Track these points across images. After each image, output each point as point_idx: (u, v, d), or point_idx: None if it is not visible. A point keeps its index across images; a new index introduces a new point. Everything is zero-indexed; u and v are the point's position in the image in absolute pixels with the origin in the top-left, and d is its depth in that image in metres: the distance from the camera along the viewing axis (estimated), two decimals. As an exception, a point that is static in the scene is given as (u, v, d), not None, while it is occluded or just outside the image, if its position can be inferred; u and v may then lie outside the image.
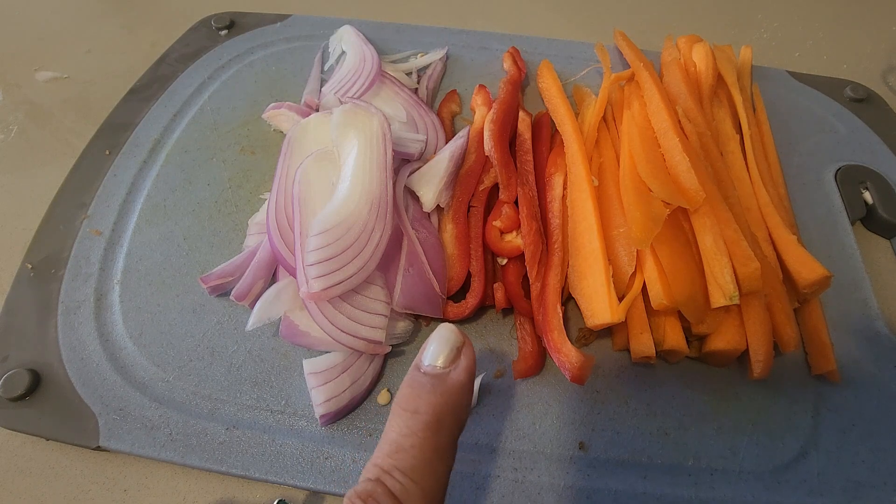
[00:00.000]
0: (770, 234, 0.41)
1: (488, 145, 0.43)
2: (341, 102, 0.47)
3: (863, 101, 0.55)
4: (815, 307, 0.39)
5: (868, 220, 0.47)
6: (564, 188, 0.42)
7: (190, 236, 0.43)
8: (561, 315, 0.36)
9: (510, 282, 0.39)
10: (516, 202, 0.41)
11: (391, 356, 0.38)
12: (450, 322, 0.39)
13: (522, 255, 0.39)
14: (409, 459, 0.22)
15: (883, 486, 0.34)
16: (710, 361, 0.38)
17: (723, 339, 0.36)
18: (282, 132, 0.50)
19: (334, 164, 0.40)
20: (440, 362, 0.24)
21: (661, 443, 0.35)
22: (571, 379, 0.34)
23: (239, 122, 0.51)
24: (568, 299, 0.40)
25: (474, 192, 0.43)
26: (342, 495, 0.33)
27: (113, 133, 0.49)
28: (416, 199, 0.43)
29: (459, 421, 0.24)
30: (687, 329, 0.37)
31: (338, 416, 0.35)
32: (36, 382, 0.36)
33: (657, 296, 0.35)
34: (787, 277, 0.39)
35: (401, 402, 0.23)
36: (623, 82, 0.50)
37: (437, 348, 0.25)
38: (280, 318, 0.36)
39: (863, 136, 0.52)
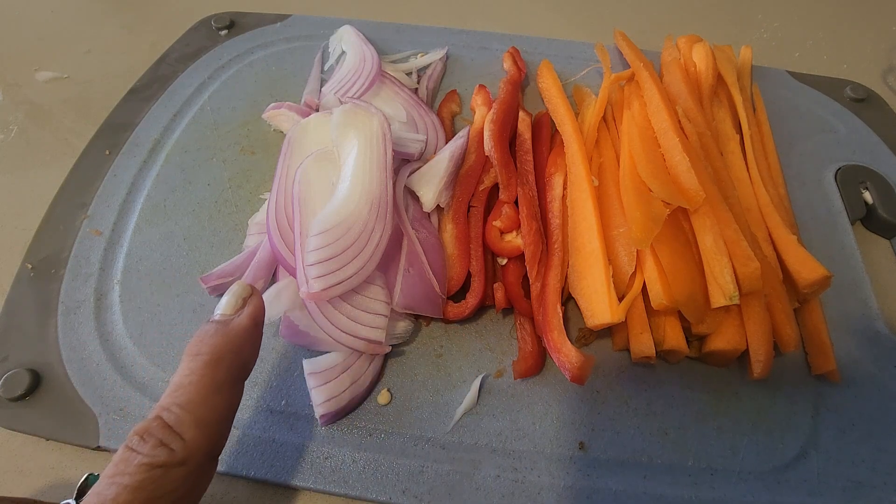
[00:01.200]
0: (770, 234, 0.41)
1: (488, 145, 0.43)
2: (341, 102, 0.47)
3: (863, 101, 0.55)
4: (815, 307, 0.39)
5: (868, 220, 0.47)
6: (564, 188, 0.42)
7: (190, 236, 0.43)
8: (561, 315, 0.36)
9: (510, 282, 0.39)
10: (516, 202, 0.41)
11: (391, 356, 0.38)
12: (448, 322, 0.39)
13: (522, 255, 0.39)
14: (186, 394, 0.24)
15: (883, 486, 0.34)
16: (710, 361, 0.38)
17: (723, 339, 0.36)
18: (282, 132, 0.50)
19: (334, 164, 0.40)
20: (227, 311, 0.27)
21: (661, 443, 0.35)
22: (571, 379, 0.34)
23: (239, 122, 0.51)
24: (568, 299, 0.40)
25: (474, 192, 0.43)
26: (342, 495, 0.33)
27: (113, 133, 0.49)
28: (416, 199, 0.43)
29: (241, 360, 0.26)
30: (687, 329, 0.37)
31: (338, 416, 0.35)
32: (36, 382, 0.36)
33: (657, 296, 0.35)
34: (787, 277, 0.39)
35: (187, 349, 0.25)
36: (623, 82, 0.50)
37: (224, 300, 0.27)
38: (280, 318, 0.36)
39: (863, 136, 0.52)
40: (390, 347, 0.37)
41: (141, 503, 0.21)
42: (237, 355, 0.26)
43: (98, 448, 0.34)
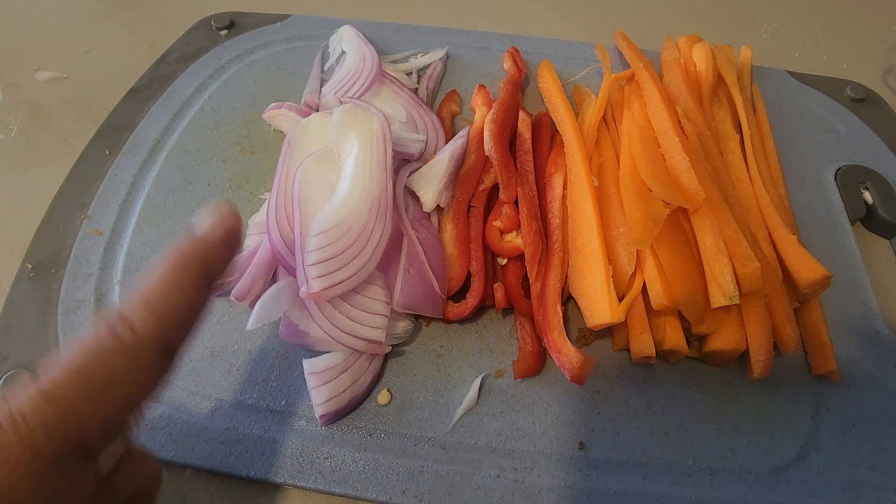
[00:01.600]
0: (770, 234, 0.41)
1: (488, 145, 0.43)
2: (341, 102, 0.47)
3: (863, 101, 0.55)
4: (815, 307, 0.39)
5: (868, 220, 0.47)
6: (564, 188, 0.42)
7: (190, 236, 0.43)
8: (561, 315, 0.36)
9: (510, 282, 0.39)
10: (516, 202, 0.41)
11: (391, 356, 0.38)
12: (448, 322, 0.39)
13: (522, 255, 0.39)
14: (146, 288, 0.24)
15: (883, 486, 0.34)
16: (710, 361, 0.38)
17: (723, 339, 0.36)
18: (282, 132, 0.50)
19: (334, 164, 0.40)
20: (202, 224, 0.27)
21: (661, 443, 0.35)
22: (571, 379, 0.34)
23: (239, 122, 0.51)
24: (568, 299, 0.40)
25: (474, 192, 0.43)
26: (342, 495, 0.33)
27: (113, 133, 0.49)
28: (416, 199, 0.43)
29: (208, 267, 0.26)
30: (687, 329, 0.37)
31: (338, 416, 0.35)
32: (36, 382, 0.36)
33: (657, 296, 0.35)
34: (787, 277, 0.39)
35: (160, 258, 0.26)
36: (623, 82, 0.50)
37: (200, 215, 0.28)
38: (280, 318, 0.36)
39: (863, 136, 0.52)
40: (390, 347, 0.37)
41: (84, 382, 0.21)
42: (204, 262, 0.26)
43: (98, 448, 0.34)
